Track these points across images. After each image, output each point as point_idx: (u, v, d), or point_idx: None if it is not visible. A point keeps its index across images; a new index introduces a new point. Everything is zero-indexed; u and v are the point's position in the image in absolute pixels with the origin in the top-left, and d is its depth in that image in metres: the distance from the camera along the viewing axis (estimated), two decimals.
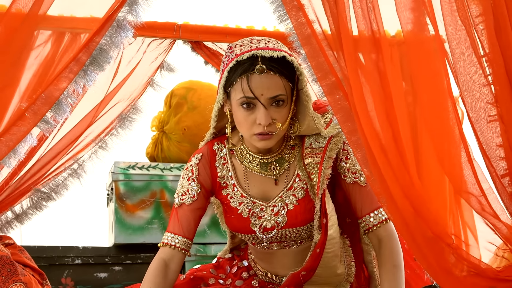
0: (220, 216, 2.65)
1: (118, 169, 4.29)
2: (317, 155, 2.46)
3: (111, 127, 3.60)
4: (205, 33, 3.88)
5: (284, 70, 2.34)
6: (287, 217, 2.47)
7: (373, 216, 2.49)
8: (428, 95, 2.24)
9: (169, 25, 3.83)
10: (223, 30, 3.93)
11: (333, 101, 2.30)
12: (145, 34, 3.71)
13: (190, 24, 3.89)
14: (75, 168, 3.50)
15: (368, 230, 2.51)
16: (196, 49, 3.86)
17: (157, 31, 3.76)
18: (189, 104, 4.49)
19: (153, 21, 3.75)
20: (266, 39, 2.38)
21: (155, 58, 3.77)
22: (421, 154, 2.40)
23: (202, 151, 2.56)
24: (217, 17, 4.06)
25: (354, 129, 2.28)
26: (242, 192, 2.51)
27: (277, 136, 2.40)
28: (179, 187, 2.53)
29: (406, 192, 2.19)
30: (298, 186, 2.47)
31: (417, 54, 2.27)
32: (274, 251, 2.54)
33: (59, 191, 3.39)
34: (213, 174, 2.54)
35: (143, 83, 3.72)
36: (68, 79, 2.65)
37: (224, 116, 2.53)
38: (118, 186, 4.27)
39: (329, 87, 2.30)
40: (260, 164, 2.50)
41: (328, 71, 2.30)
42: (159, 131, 4.58)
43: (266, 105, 2.34)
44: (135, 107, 3.72)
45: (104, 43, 2.71)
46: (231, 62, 2.34)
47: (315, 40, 2.30)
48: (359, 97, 2.20)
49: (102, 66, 2.71)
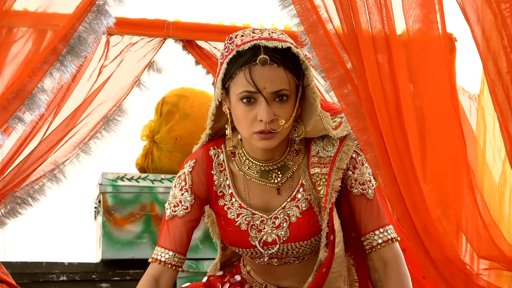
0: (212, 226, 2.57)
1: (106, 181, 4.25)
2: (325, 165, 2.37)
3: (95, 130, 3.50)
4: (198, 31, 3.77)
5: (289, 63, 2.24)
6: (290, 230, 2.38)
7: (379, 233, 2.40)
8: (437, 98, 2.22)
9: (159, 22, 3.71)
10: (217, 28, 3.82)
11: (342, 96, 2.23)
12: (133, 31, 3.60)
13: (182, 21, 3.79)
14: (55, 173, 3.39)
15: (371, 249, 2.41)
16: (187, 48, 3.75)
17: (146, 29, 3.65)
18: (181, 112, 4.46)
19: (142, 18, 3.65)
20: (270, 29, 2.29)
21: (143, 56, 3.65)
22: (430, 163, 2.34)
23: (196, 157, 2.45)
24: (210, 14, 3.99)
25: (364, 127, 2.22)
26: (240, 202, 2.41)
27: (280, 136, 2.28)
28: (170, 198, 2.43)
29: (417, 204, 2.14)
30: (302, 197, 2.38)
31: (425, 54, 2.24)
32: (274, 267, 2.47)
33: (35, 196, 3.28)
34: (209, 183, 2.43)
35: (129, 82, 3.61)
36: (43, 70, 2.54)
37: (222, 115, 2.41)
38: (106, 198, 4.23)
39: (337, 79, 2.24)
40: (261, 171, 2.40)
41: (336, 61, 2.23)
42: (150, 141, 4.56)
43: (269, 100, 2.23)
44: (121, 109, 3.59)
45: (82, 30, 2.59)
46: (231, 53, 2.24)
47: (321, 28, 2.24)
48: (373, 91, 2.12)
49: (81, 56, 2.60)
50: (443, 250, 2.17)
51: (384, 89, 2.16)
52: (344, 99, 2.25)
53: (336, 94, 2.26)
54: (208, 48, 3.77)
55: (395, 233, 2.41)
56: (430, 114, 2.26)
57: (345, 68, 2.24)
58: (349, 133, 2.38)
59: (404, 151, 2.17)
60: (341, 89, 2.25)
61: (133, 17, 3.48)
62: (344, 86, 2.24)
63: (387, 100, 2.17)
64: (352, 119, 2.24)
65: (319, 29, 2.25)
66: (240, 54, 2.24)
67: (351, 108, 2.25)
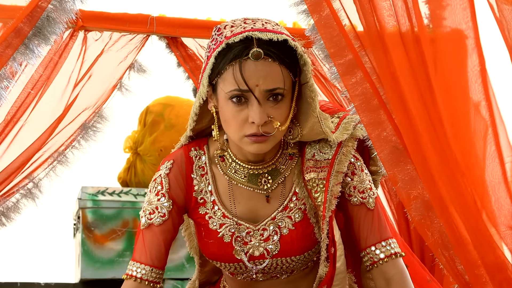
0: (189, 239, 2.48)
1: (86, 195, 4.20)
2: (322, 168, 2.27)
3: (72, 138, 3.40)
4: (184, 27, 3.64)
5: (286, 58, 2.14)
6: (280, 244, 2.27)
7: (380, 247, 2.28)
8: (448, 97, 2.12)
9: (141, 17, 3.58)
10: (205, 23, 3.69)
11: (351, 85, 2.12)
12: (113, 27, 3.48)
13: (167, 16, 3.70)
14: (30, 188, 3.28)
15: (372, 265, 2.29)
16: (171, 46, 3.65)
17: (128, 24, 3.51)
18: (166, 122, 4.43)
19: (123, 12, 3.54)
20: (263, 19, 2.19)
21: (124, 57, 3.54)
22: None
23: (174, 158, 2.34)
24: (198, 9, 3.94)
25: (377, 121, 2.11)
26: (224, 211, 2.30)
27: (274, 139, 2.18)
28: (145, 204, 2.32)
29: (459, 209, 2.02)
30: (295, 207, 2.28)
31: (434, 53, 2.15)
32: (258, 283, 2.36)
33: (9, 215, 3.22)
34: (188, 188, 2.32)
35: (110, 87, 3.52)
36: (5, 55, 2.42)
37: (205, 115, 2.31)
38: (86, 214, 4.18)
39: (345, 66, 2.13)
40: (249, 175, 2.29)
41: (345, 45, 2.11)
42: (133, 153, 4.52)
43: (261, 99, 2.13)
44: (101, 115, 3.48)
45: (51, 9, 2.46)
46: (220, 46, 2.14)
47: (327, 6, 2.12)
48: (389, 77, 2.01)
49: (49, 39, 2.46)
50: (496, 254, 2.05)
51: (405, 78, 2.07)
52: (352, 89, 2.14)
53: (343, 82, 2.15)
54: (194, 48, 3.66)
55: (399, 248, 2.29)
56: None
57: (354, 52, 2.12)
58: (353, 133, 2.28)
59: (438, 147, 2.06)
60: (349, 77, 2.13)
61: (113, 11, 3.39)
62: (353, 74, 2.13)
63: (411, 88, 2.07)
64: (362, 111, 2.13)
65: (324, 8, 2.14)
66: (230, 47, 2.13)
67: (360, 99, 2.13)
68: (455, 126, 2.12)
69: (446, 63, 2.14)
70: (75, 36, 3.23)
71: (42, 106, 3.16)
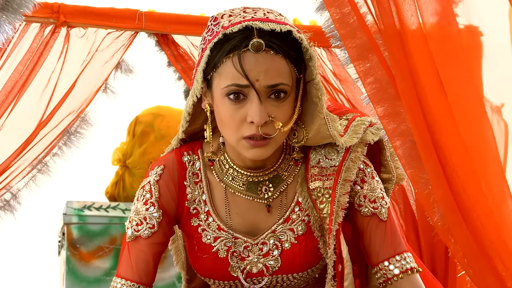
0: (176, 253, 2.41)
1: (71, 210, 4.11)
2: (327, 176, 2.19)
3: (53, 145, 3.34)
4: (176, 23, 3.59)
5: (290, 50, 2.05)
6: (281, 259, 2.20)
7: (395, 262, 2.18)
8: (459, 100, 2.08)
9: (129, 13, 3.51)
10: (198, 20, 3.63)
11: (363, 71, 2.03)
12: (98, 23, 3.42)
13: (157, 12, 3.66)
14: (7, 199, 3.24)
15: (385, 283, 2.20)
16: (161, 44, 3.60)
17: (114, 20, 3.45)
18: (157, 133, 4.39)
19: (109, 7, 3.49)
20: (265, 8, 2.12)
21: (110, 56, 3.47)
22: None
23: (164, 162, 2.27)
24: (191, 4, 3.94)
25: (394, 112, 2.02)
26: (219, 223, 2.22)
27: (276, 143, 2.09)
28: (132, 214, 2.24)
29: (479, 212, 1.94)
30: (298, 218, 2.20)
31: (443, 52, 2.10)
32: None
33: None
34: (180, 196, 2.23)
35: (95, 89, 3.47)
36: None
37: (199, 115, 2.23)
38: (71, 230, 4.10)
39: (358, 49, 2.03)
40: (247, 183, 2.20)
41: (357, 26, 2.01)
42: (121, 166, 4.47)
43: (262, 96, 2.04)
44: (84, 119, 3.43)
45: None
46: (216, 37, 2.05)
47: None
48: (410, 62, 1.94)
49: (19, 14, 2.45)
50: None
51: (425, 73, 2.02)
52: (365, 75, 2.06)
53: (356, 68, 2.07)
54: (186, 46, 3.60)
55: (415, 263, 2.19)
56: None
57: (368, 34, 2.02)
58: (363, 137, 2.18)
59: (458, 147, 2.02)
60: (362, 62, 2.05)
61: (98, 6, 3.33)
62: (366, 58, 2.04)
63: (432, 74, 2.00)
64: (376, 101, 2.05)
65: None
66: (228, 38, 2.05)
67: (375, 87, 2.05)
68: (468, 128, 2.07)
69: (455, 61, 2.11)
70: (57, 32, 3.18)
71: (20, 109, 3.13)
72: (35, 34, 3.15)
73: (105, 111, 3.52)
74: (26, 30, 3.15)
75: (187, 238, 2.28)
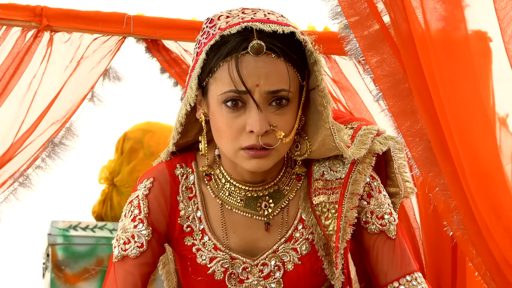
0: (167, 277, 2.37)
1: (56, 230, 4.04)
2: (333, 190, 2.14)
3: (35, 156, 3.26)
4: (166, 28, 3.50)
5: (292, 54, 1.98)
6: (284, 282, 2.14)
7: (405, 283, 2.15)
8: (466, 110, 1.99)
9: (116, 17, 3.43)
10: (190, 24, 3.56)
11: (375, 63, 1.95)
12: (83, 27, 3.34)
13: (146, 16, 3.59)
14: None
15: None
16: (151, 50, 3.50)
17: (101, 24, 3.37)
18: (146, 150, 4.35)
19: (95, 10, 3.42)
20: (266, 9, 2.05)
21: (97, 62, 3.39)
22: None
23: (154, 175, 2.19)
24: (182, 8, 3.84)
25: (409, 110, 1.94)
26: (215, 242, 2.15)
27: (277, 154, 2.02)
28: (119, 231, 2.17)
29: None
30: (302, 237, 2.15)
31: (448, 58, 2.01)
32: None
33: None
34: (172, 213, 2.18)
35: (81, 97, 3.39)
36: None
37: (192, 126, 2.16)
38: (56, 251, 4.03)
39: (370, 39, 1.94)
40: (246, 199, 2.14)
41: (369, 13, 1.92)
42: (109, 184, 4.43)
43: (262, 103, 1.97)
44: (70, 130, 3.35)
45: None
46: (212, 39, 1.99)
47: None
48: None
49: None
50: None
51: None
52: (378, 68, 1.96)
53: (366, 60, 1.97)
54: (177, 52, 3.50)
55: (426, 283, 2.15)
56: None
57: (380, 21, 1.93)
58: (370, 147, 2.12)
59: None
60: (373, 53, 1.96)
61: (83, 9, 3.26)
62: (378, 49, 1.95)
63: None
64: (389, 97, 1.95)
65: None
66: (225, 40, 1.98)
67: (388, 81, 1.94)
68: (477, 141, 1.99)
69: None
70: (39, 37, 3.09)
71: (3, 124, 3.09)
72: (16, 38, 3.09)
73: (92, 122, 3.46)
74: (6, 34, 3.09)
75: (179, 258, 2.21)
